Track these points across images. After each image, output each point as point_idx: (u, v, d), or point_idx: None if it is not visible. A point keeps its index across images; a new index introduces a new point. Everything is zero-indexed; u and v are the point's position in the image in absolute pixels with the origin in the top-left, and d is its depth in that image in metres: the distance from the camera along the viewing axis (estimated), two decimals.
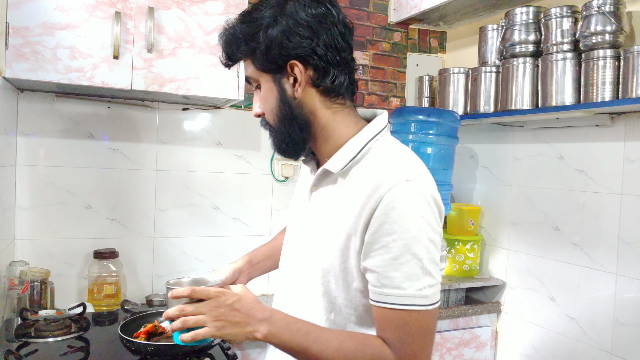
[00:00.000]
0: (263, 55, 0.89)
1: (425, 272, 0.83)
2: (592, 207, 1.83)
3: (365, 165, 0.91)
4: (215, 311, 0.85)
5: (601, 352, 1.78)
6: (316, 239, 0.95)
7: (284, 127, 0.93)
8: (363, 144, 0.92)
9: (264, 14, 0.89)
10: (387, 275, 0.83)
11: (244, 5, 1.81)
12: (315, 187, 0.98)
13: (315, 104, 0.92)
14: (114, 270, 1.88)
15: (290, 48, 0.88)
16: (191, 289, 0.86)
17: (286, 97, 0.91)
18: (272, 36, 0.87)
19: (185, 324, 0.84)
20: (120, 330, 1.39)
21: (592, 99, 1.68)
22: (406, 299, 0.82)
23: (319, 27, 0.88)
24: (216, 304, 0.85)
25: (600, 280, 1.79)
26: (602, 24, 1.66)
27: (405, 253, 0.82)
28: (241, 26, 0.91)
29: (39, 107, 1.84)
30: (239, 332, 0.85)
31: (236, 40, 0.91)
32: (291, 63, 0.89)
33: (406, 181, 0.84)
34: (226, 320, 0.85)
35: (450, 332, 2.10)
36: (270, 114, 0.94)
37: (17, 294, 1.63)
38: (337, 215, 0.91)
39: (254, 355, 1.76)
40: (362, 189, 0.87)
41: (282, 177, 2.25)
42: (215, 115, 2.12)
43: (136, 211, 2.00)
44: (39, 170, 1.85)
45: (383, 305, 0.84)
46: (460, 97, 2.28)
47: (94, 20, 1.60)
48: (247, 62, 0.94)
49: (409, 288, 0.82)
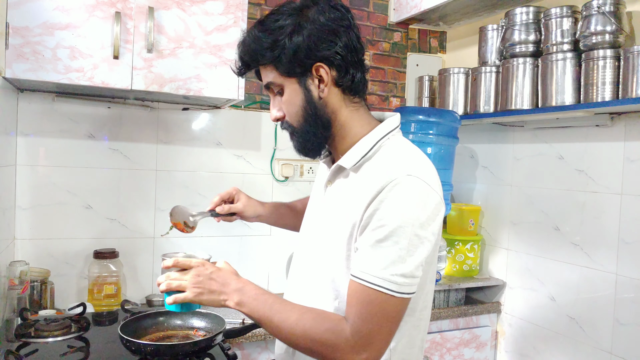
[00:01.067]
0: (290, 61, 0.94)
1: (402, 260, 0.87)
2: (592, 207, 1.83)
3: (375, 162, 0.97)
4: (195, 279, 0.97)
5: (601, 352, 1.78)
6: (325, 231, 1.02)
7: (309, 127, 0.99)
8: (375, 142, 0.98)
9: (285, 22, 0.94)
10: (367, 254, 0.89)
11: (244, 5, 1.81)
12: (330, 182, 1.05)
13: (337, 102, 0.99)
14: (114, 270, 1.88)
15: (316, 51, 0.94)
16: (175, 259, 1.00)
17: (312, 98, 0.97)
18: (298, 42, 0.93)
19: (169, 287, 0.97)
20: (120, 330, 1.39)
21: (592, 99, 1.68)
22: (377, 279, 0.87)
23: (339, 30, 0.95)
24: (196, 273, 0.98)
25: (600, 280, 1.79)
26: (602, 24, 1.66)
27: (389, 238, 0.87)
28: (264, 34, 0.95)
29: (38, 107, 1.84)
30: (214, 299, 0.96)
31: (261, 48, 0.95)
32: (317, 65, 0.95)
33: (406, 175, 0.90)
34: (203, 288, 0.96)
35: (450, 332, 2.10)
36: (295, 116, 0.99)
37: (17, 294, 1.63)
38: (346, 208, 0.97)
39: (254, 355, 1.77)
40: (370, 183, 0.93)
41: (282, 177, 2.25)
42: (215, 115, 2.12)
43: (136, 211, 2.00)
44: (39, 170, 1.85)
45: (355, 280, 0.90)
46: (460, 97, 2.28)
47: (94, 20, 1.60)
48: (269, 68, 0.98)
49: (383, 271, 0.87)
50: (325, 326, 0.90)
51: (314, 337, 0.90)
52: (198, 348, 1.39)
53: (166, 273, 1.00)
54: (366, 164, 0.98)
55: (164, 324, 1.54)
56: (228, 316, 1.83)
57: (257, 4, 2.20)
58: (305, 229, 1.14)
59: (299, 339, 0.92)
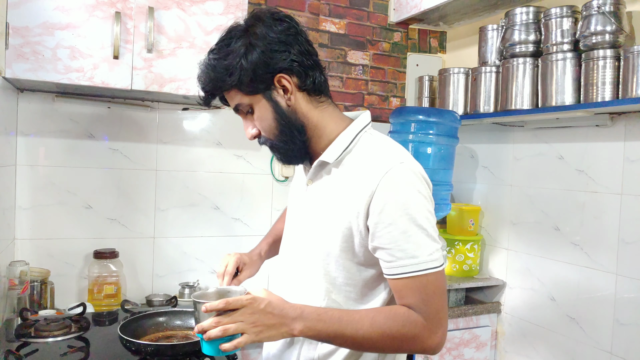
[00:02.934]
0: (251, 80, 0.96)
1: (431, 238, 0.93)
2: (592, 207, 1.83)
3: (356, 154, 1.01)
4: (251, 317, 0.89)
5: (601, 352, 1.78)
6: (315, 226, 1.03)
7: (285, 137, 1.01)
8: (353, 136, 1.02)
9: (236, 44, 0.97)
10: (400, 249, 0.91)
11: (244, 5, 1.81)
12: (310, 180, 1.07)
13: (305, 106, 1.01)
14: (114, 270, 1.88)
15: (273, 64, 0.96)
16: (225, 301, 0.89)
17: (281, 108, 0.99)
18: (254, 60, 0.95)
19: (227, 332, 0.87)
20: (120, 330, 1.39)
21: (592, 99, 1.68)
22: (421, 264, 0.91)
23: (288, 39, 0.98)
24: (251, 311, 0.90)
25: (600, 280, 1.79)
26: (602, 24, 1.66)
27: (412, 226, 0.91)
28: (219, 61, 0.97)
29: (39, 107, 1.84)
30: (275, 333, 0.91)
31: (220, 75, 0.98)
32: (277, 77, 0.98)
33: (400, 163, 0.94)
34: (263, 325, 0.90)
35: (450, 332, 2.10)
36: (269, 130, 1.01)
37: (17, 294, 1.63)
38: (336, 201, 0.99)
39: (254, 356, 1.77)
40: (358, 174, 0.97)
41: (282, 177, 2.25)
42: (215, 115, 2.12)
43: (136, 211, 2.00)
44: (39, 170, 1.85)
45: (402, 276, 0.92)
46: (460, 97, 2.28)
47: (94, 20, 1.60)
48: (233, 92, 1.00)
49: (421, 255, 0.91)
50: (400, 321, 0.92)
51: (395, 335, 0.92)
52: (198, 348, 1.38)
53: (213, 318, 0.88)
54: (347, 157, 1.01)
55: (163, 324, 1.54)
56: None
57: (257, 4, 2.20)
58: (289, 230, 1.15)
59: (379, 342, 0.93)
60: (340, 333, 0.92)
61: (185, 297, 1.97)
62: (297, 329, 0.91)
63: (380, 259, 0.95)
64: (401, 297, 0.94)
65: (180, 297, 1.96)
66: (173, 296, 1.89)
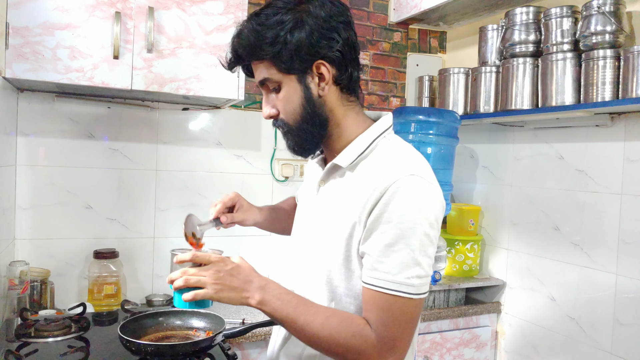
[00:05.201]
0: (291, 57, 0.90)
1: (416, 262, 0.87)
2: (592, 207, 1.83)
3: (372, 160, 0.96)
4: (215, 275, 0.90)
5: (601, 352, 1.78)
6: (321, 231, 1.00)
7: (306, 126, 0.96)
8: (371, 140, 0.97)
9: (285, 16, 0.90)
10: (379, 260, 0.87)
11: (244, 5, 1.81)
12: (323, 181, 1.03)
13: (335, 101, 0.97)
14: (114, 270, 1.88)
15: (318, 48, 0.91)
16: (193, 253, 0.93)
17: (311, 96, 0.94)
18: (300, 37, 0.90)
19: (187, 282, 0.90)
20: (120, 330, 1.39)
21: (592, 99, 1.68)
22: (394, 284, 0.86)
23: (339, 26, 0.92)
24: (216, 269, 0.91)
25: (600, 280, 1.79)
26: (602, 24, 1.66)
27: (399, 241, 0.86)
28: (263, 29, 0.91)
29: (39, 107, 1.84)
30: (235, 296, 0.90)
31: (261, 42, 0.91)
32: (318, 63, 0.92)
33: (410, 175, 0.89)
34: (224, 284, 0.90)
35: (450, 332, 2.10)
36: (292, 114, 0.96)
37: (17, 294, 1.63)
38: (343, 207, 0.95)
39: (254, 355, 1.76)
40: (368, 182, 0.91)
41: (282, 177, 2.25)
42: (215, 115, 2.12)
43: (136, 211, 2.00)
44: (39, 170, 1.85)
45: (372, 287, 0.88)
46: (460, 97, 2.28)
47: (94, 20, 1.60)
48: (266, 64, 0.93)
49: (398, 275, 0.86)
50: (352, 331, 0.88)
51: (340, 342, 0.88)
52: (198, 348, 1.39)
53: (182, 269, 0.93)
54: (363, 162, 0.97)
55: (163, 324, 1.54)
56: (228, 316, 1.82)
57: (257, 4, 2.20)
58: (297, 230, 1.12)
59: (324, 342, 0.89)
60: (292, 319, 0.90)
61: None
62: (255, 298, 0.90)
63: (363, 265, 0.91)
64: (365, 309, 0.90)
65: None
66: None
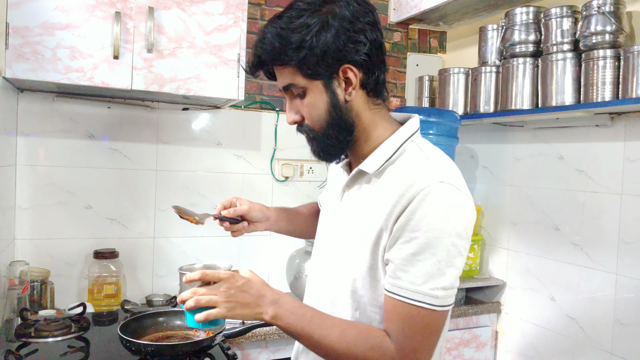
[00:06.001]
0: (316, 62, 0.87)
1: (441, 273, 0.84)
2: (592, 207, 1.83)
3: (399, 165, 0.92)
4: (227, 292, 0.88)
5: (601, 352, 1.78)
6: (346, 239, 0.97)
7: (332, 132, 0.93)
8: (398, 145, 0.94)
9: (310, 19, 0.87)
10: (403, 269, 0.84)
11: (244, 5, 1.81)
12: (347, 187, 1.00)
13: (361, 105, 0.94)
14: (114, 270, 1.88)
15: (345, 52, 0.87)
16: (202, 272, 0.89)
17: (338, 101, 0.91)
18: (326, 42, 0.86)
19: (198, 303, 0.87)
20: (120, 330, 1.39)
21: (592, 99, 1.68)
22: (417, 294, 0.83)
23: (365, 27, 0.88)
24: (227, 286, 0.88)
25: (600, 280, 1.79)
26: (602, 24, 1.66)
27: (425, 251, 0.83)
28: (287, 33, 0.87)
29: (39, 107, 1.84)
30: (248, 313, 0.88)
31: (284, 48, 0.87)
32: (345, 67, 0.89)
33: (439, 182, 0.85)
34: (236, 302, 0.88)
35: (450, 332, 2.10)
36: (317, 120, 0.92)
37: (17, 294, 1.63)
38: (369, 214, 0.92)
39: (254, 355, 1.77)
40: (395, 188, 0.88)
41: (282, 177, 2.25)
42: (215, 115, 2.12)
43: (136, 211, 2.00)
44: (39, 170, 1.85)
45: (394, 297, 0.85)
46: (460, 97, 2.28)
47: (94, 20, 1.60)
48: (290, 69, 0.90)
49: (422, 285, 0.83)
50: (370, 343, 0.85)
51: (358, 355, 0.86)
52: (198, 348, 1.39)
53: (192, 289, 0.89)
54: (390, 167, 0.93)
55: (163, 324, 1.54)
56: None
57: (257, 4, 2.20)
58: (321, 237, 1.09)
59: (341, 356, 0.87)
60: (307, 333, 0.88)
61: None
62: (269, 313, 0.88)
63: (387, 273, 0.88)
64: (386, 319, 0.88)
65: None
66: (173, 296, 1.89)
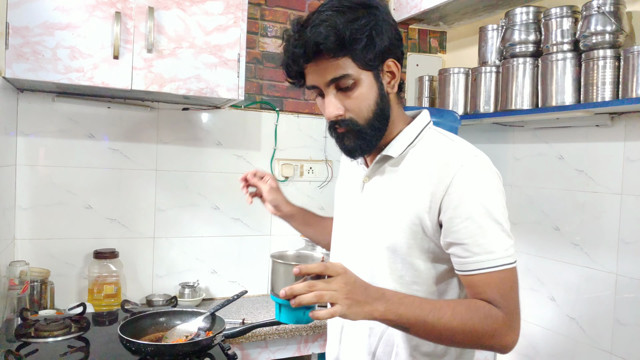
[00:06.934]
0: (375, 54, 0.92)
1: (507, 234, 0.91)
2: (592, 207, 1.83)
3: (422, 148, 0.99)
4: (345, 288, 0.82)
5: (601, 352, 1.78)
6: (378, 223, 0.99)
7: (377, 123, 0.97)
8: (418, 131, 1.01)
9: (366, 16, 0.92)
10: (477, 244, 0.89)
11: (244, 5, 1.81)
12: (368, 177, 1.04)
13: (393, 98, 1.01)
14: (114, 270, 1.88)
15: (394, 47, 0.96)
16: (324, 265, 0.83)
17: (384, 92, 0.97)
18: (385, 34, 0.93)
19: (321, 299, 0.80)
20: (120, 330, 1.39)
21: (592, 99, 1.68)
22: (498, 260, 0.89)
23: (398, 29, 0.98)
24: (345, 281, 0.83)
25: (600, 280, 1.79)
26: (602, 24, 1.66)
27: (489, 221, 0.89)
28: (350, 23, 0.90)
29: (38, 107, 1.84)
30: (360, 311, 0.83)
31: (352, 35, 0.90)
32: (391, 60, 0.96)
33: (474, 157, 0.93)
34: (353, 299, 0.82)
35: None
36: (365, 111, 0.96)
37: (17, 294, 1.63)
38: (401, 196, 0.96)
39: (254, 355, 1.77)
40: (427, 168, 0.94)
41: (282, 177, 2.25)
42: (215, 115, 2.12)
43: (136, 211, 2.00)
44: (39, 170, 1.85)
45: (479, 272, 0.89)
46: (460, 97, 2.28)
47: (94, 20, 1.60)
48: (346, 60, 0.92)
49: (498, 250, 0.89)
50: (481, 314, 0.88)
51: (476, 328, 0.87)
52: (198, 348, 1.39)
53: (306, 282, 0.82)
54: (412, 151, 0.99)
55: (163, 324, 1.54)
56: (228, 316, 1.83)
57: (257, 4, 2.20)
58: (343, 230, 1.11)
59: (458, 334, 0.87)
60: (422, 319, 0.86)
61: (185, 297, 1.97)
62: (379, 310, 0.84)
63: (453, 255, 0.92)
64: (477, 294, 0.91)
65: (180, 297, 1.96)
66: (173, 296, 1.89)
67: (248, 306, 2.03)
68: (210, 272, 2.14)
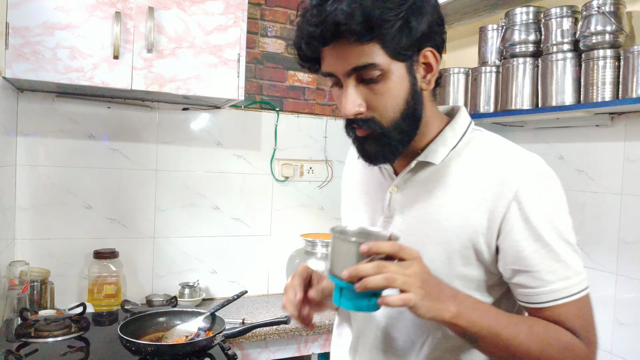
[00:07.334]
0: (410, 40, 0.74)
1: (575, 251, 0.78)
2: (592, 207, 1.83)
3: (470, 155, 0.82)
4: (421, 276, 0.70)
5: (601, 352, 1.78)
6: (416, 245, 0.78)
7: (405, 125, 0.79)
8: (462, 134, 0.84)
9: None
10: (550, 270, 0.76)
11: (244, 5, 1.81)
12: (396, 187, 0.86)
13: (427, 96, 0.83)
14: (114, 270, 1.88)
15: (434, 33, 0.77)
16: (399, 245, 0.70)
17: (416, 88, 0.79)
18: (423, 18, 0.75)
19: (393, 283, 0.67)
20: (120, 330, 1.39)
21: (592, 99, 1.68)
22: (574, 287, 0.77)
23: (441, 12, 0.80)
24: (420, 268, 0.70)
25: (600, 280, 1.79)
26: (602, 24, 1.66)
27: (560, 242, 0.76)
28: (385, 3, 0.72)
29: (39, 107, 1.84)
30: (431, 306, 0.70)
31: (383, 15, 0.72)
32: (428, 49, 0.78)
33: (538, 167, 0.79)
34: (426, 290, 0.70)
35: None
36: (392, 109, 0.77)
37: (17, 294, 1.63)
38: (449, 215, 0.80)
39: (254, 355, 1.76)
40: (481, 181, 0.79)
41: (282, 177, 2.25)
42: (215, 115, 2.12)
43: (136, 211, 2.00)
44: (39, 170, 1.85)
45: (554, 303, 0.76)
46: (460, 97, 2.28)
47: (94, 20, 1.60)
48: (373, 46, 0.74)
49: (573, 276, 0.77)
50: (561, 343, 0.75)
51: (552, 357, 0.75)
52: (198, 348, 1.39)
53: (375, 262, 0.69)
54: (457, 158, 0.82)
55: (163, 324, 1.54)
56: (228, 316, 1.83)
57: (257, 4, 2.20)
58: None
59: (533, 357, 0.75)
60: (495, 332, 0.73)
61: (185, 297, 1.97)
62: (451, 311, 0.71)
63: (518, 286, 0.77)
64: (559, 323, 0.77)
65: (180, 297, 1.96)
66: (173, 296, 1.89)
67: (248, 306, 2.03)
68: (210, 272, 2.14)
